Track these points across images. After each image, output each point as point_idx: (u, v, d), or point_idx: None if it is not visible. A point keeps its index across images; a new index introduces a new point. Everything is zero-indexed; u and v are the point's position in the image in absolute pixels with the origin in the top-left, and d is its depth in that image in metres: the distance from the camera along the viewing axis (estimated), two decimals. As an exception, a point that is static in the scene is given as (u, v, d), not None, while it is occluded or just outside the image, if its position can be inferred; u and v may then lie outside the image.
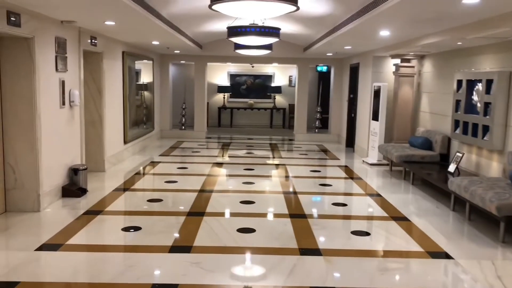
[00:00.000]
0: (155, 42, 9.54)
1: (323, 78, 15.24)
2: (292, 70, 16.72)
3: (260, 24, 6.78)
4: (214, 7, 4.04)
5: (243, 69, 16.67)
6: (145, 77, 11.77)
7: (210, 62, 13.78)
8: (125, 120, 9.55)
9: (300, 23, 8.55)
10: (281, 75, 16.90)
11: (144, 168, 8.90)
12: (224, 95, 16.62)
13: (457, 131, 7.43)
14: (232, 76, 16.82)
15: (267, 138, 14.12)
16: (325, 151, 11.76)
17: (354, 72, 11.96)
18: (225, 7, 3.99)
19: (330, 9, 6.61)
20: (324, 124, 14.26)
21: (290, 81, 16.92)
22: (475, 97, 6.98)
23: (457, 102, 7.44)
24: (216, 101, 16.74)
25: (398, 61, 9.58)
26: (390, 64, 10.03)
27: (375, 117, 9.73)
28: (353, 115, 11.99)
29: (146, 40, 9.24)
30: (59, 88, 6.38)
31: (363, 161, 10.00)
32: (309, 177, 8.45)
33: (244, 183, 7.69)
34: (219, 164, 9.62)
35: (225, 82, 16.75)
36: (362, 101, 10.89)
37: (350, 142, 12.18)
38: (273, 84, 16.84)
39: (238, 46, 8.84)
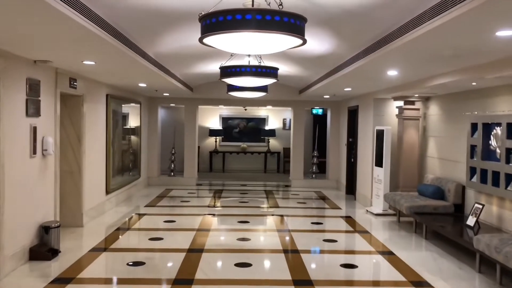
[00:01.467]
0: (142, 84, 8.90)
1: (319, 121, 14.68)
2: (286, 113, 16.18)
3: (256, 63, 6.18)
4: (206, 40, 3.38)
5: (236, 112, 16.10)
6: (133, 121, 11.09)
7: (202, 105, 13.18)
8: (107, 168, 8.76)
9: (297, 64, 7.98)
10: (274, 118, 16.33)
11: (127, 222, 8.04)
12: (216, 138, 15.96)
13: (474, 179, 6.73)
14: (224, 119, 16.23)
15: (261, 184, 13.34)
16: (324, 198, 10.99)
17: (352, 115, 11.38)
18: (219, 40, 3.33)
19: (332, 47, 6.03)
20: (321, 169, 13.54)
21: (284, 124, 16.36)
22: (493, 142, 6.33)
23: (472, 148, 6.79)
24: (207, 145, 16.05)
25: (401, 103, 9.00)
26: (393, 107, 9.45)
27: (379, 163, 9.04)
28: (352, 160, 11.32)
29: (132, 82, 8.61)
30: (30, 135, 5.63)
31: (367, 210, 9.23)
32: (310, 231, 7.64)
33: (238, 239, 6.84)
34: (211, 216, 8.79)
35: (217, 125, 16.14)
36: (363, 145, 10.24)
37: (350, 188, 11.43)
38: (266, 127, 16.25)
39: (232, 88, 8.21)
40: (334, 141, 12.75)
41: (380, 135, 9.05)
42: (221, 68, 5.99)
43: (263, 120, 16.35)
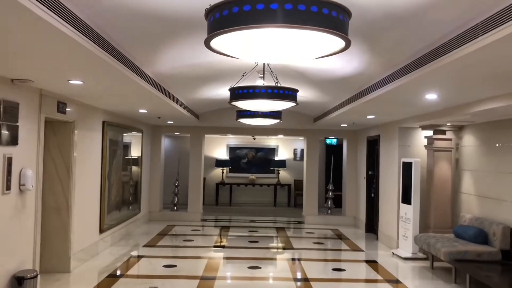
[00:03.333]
0: (143, 110, 8.04)
1: (333, 152, 13.71)
2: (297, 143, 15.28)
3: (270, 84, 5.27)
4: (214, 43, 2.48)
5: (244, 141, 15.23)
6: (134, 151, 10.21)
7: (208, 134, 12.30)
8: (102, 203, 7.81)
9: (315, 88, 7.10)
10: (285, 148, 15.43)
11: (122, 266, 7.02)
12: (222, 169, 15.03)
13: (528, 222, 5.72)
14: (232, 149, 15.33)
15: (271, 220, 12.30)
16: (342, 238, 9.92)
17: (372, 145, 10.44)
18: (231, 42, 2.44)
19: (361, 66, 5.15)
20: (336, 204, 12.47)
21: (295, 154, 15.43)
22: (552, 179, 5.35)
23: (525, 185, 5.80)
24: (213, 176, 15.10)
25: (430, 132, 8.06)
26: (420, 137, 8.50)
27: (406, 199, 8.04)
28: (373, 195, 10.30)
29: (131, 108, 7.74)
30: (3, 167, 4.73)
31: (393, 253, 8.16)
32: (333, 281, 6.58)
33: (249, 291, 5.81)
34: (217, 260, 7.75)
35: (224, 155, 15.23)
36: (386, 179, 9.25)
37: (371, 227, 10.37)
38: (276, 158, 15.32)
39: (241, 115, 7.33)
40: (351, 174, 11.76)
41: (407, 168, 8.08)
42: (231, 89, 5.10)
43: (272, 150, 15.45)
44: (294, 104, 5.16)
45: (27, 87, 5.12)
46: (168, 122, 10.59)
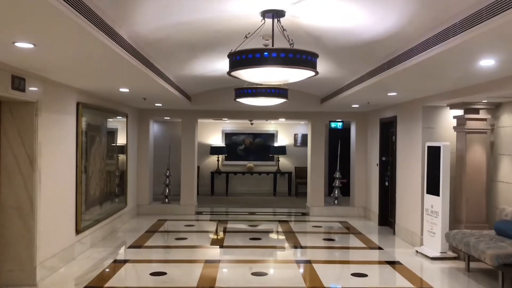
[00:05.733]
0: (124, 90, 6.82)
1: (339, 136, 12.55)
2: (298, 128, 14.15)
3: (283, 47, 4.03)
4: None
5: (241, 126, 14.06)
6: (120, 138, 9.03)
7: (202, 118, 11.10)
8: (78, 199, 6.63)
9: (330, 58, 5.87)
10: (284, 133, 14.29)
11: (101, 275, 5.85)
12: (218, 157, 13.87)
13: None
14: (228, 135, 14.17)
15: (272, 212, 11.20)
16: (354, 232, 8.82)
17: (386, 128, 9.31)
18: None
19: (400, 23, 3.98)
20: (343, 193, 11.36)
21: (295, 140, 14.32)
22: None
23: None
24: (208, 164, 13.95)
25: (459, 112, 6.94)
26: (445, 117, 7.38)
27: (433, 189, 6.94)
28: (387, 183, 9.20)
29: (109, 86, 6.51)
30: None
31: (417, 251, 7.08)
32: (356, 291, 5.49)
33: (256, 309, 4.68)
34: (214, 263, 6.61)
35: (219, 142, 14.06)
36: (405, 166, 8.13)
37: (385, 219, 9.29)
38: (276, 144, 14.18)
39: (241, 93, 6.13)
40: (361, 161, 10.63)
41: (433, 153, 6.97)
42: (231, 55, 3.88)
43: (271, 136, 14.31)
44: (313, 73, 3.97)
45: (-37, 54, 3.92)
46: (156, 104, 9.36)
